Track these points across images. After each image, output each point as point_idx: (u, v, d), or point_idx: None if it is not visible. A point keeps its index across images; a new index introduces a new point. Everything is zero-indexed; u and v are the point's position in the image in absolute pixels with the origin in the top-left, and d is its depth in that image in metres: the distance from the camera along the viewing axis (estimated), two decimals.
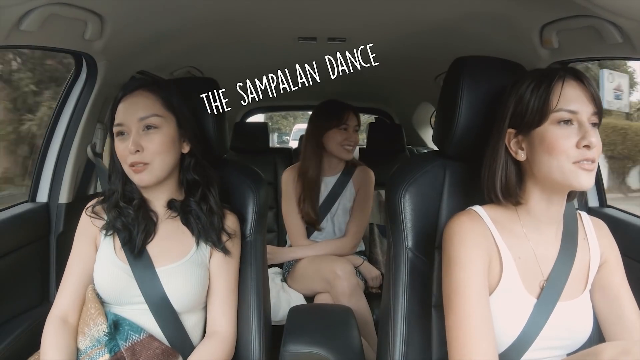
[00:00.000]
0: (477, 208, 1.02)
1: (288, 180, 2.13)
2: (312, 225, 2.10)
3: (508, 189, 0.98)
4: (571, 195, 1.01)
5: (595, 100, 0.92)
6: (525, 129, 0.95)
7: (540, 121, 0.92)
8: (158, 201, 1.20)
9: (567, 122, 0.91)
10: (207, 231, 1.18)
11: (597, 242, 1.04)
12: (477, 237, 0.97)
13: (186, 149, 1.20)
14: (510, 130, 0.98)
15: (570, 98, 0.91)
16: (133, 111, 1.12)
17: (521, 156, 0.97)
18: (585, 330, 1.00)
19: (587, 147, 0.89)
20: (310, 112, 2.32)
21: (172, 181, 1.20)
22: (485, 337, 0.90)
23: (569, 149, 0.89)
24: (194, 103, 1.28)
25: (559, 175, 0.91)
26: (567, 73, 0.93)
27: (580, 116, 0.90)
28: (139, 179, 1.12)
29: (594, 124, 0.92)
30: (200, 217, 1.18)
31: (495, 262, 0.97)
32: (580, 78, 0.92)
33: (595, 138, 0.89)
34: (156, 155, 1.11)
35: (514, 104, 0.96)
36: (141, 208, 1.16)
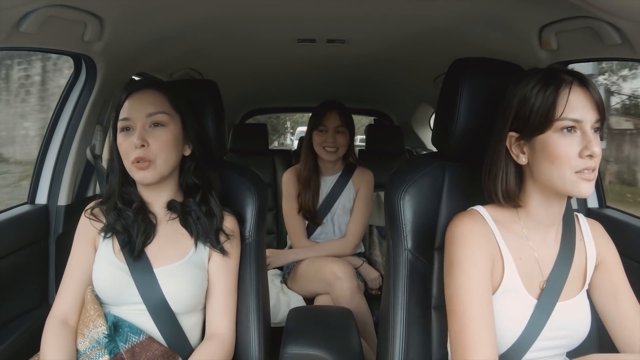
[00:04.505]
0: (479, 208, 1.02)
1: (288, 181, 2.14)
2: (312, 221, 2.10)
3: (509, 192, 0.98)
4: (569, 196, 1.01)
5: (599, 107, 0.90)
6: (527, 134, 0.94)
7: (543, 128, 0.91)
8: (157, 203, 1.19)
9: (570, 129, 0.90)
10: (206, 232, 1.18)
11: (593, 243, 1.04)
12: (480, 238, 0.96)
13: (188, 151, 1.20)
14: (511, 133, 0.97)
15: (575, 106, 0.89)
16: (141, 106, 1.12)
17: (522, 160, 0.96)
18: (583, 329, 1.00)
19: (590, 156, 0.88)
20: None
21: (172, 183, 1.20)
22: (486, 342, 0.90)
23: (571, 158, 0.89)
24: (193, 105, 1.28)
25: (559, 183, 0.91)
26: (574, 79, 0.91)
27: (584, 125, 0.89)
28: (141, 176, 1.12)
29: (595, 130, 0.91)
30: (200, 218, 1.18)
31: (498, 263, 0.97)
32: (585, 84, 0.91)
33: (597, 147, 0.88)
34: (160, 152, 1.11)
35: (517, 105, 0.94)
36: (140, 210, 1.16)
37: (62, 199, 1.56)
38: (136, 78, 1.86)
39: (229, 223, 1.23)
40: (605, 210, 1.58)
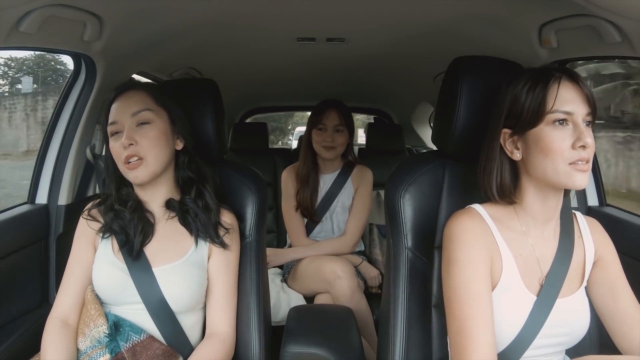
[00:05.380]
0: (477, 206, 1.02)
1: (287, 179, 2.14)
2: (310, 219, 2.10)
3: (503, 188, 0.99)
4: (567, 191, 1.02)
5: (590, 101, 0.92)
6: (520, 129, 0.95)
7: (535, 122, 0.93)
8: (154, 202, 1.19)
9: (562, 122, 0.91)
10: (205, 227, 1.18)
11: (591, 240, 1.05)
12: (477, 236, 0.97)
13: (180, 145, 1.20)
14: (505, 130, 0.98)
15: (565, 99, 0.91)
16: (125, 108, 1.13)
17: (517, 156, 0.97)
18: (583, 326, 1.00)
19: (583, 147, 0.89)
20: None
21: (168, 180, 1.20)
22: (485, 341, 0.90)
23: (564, 150, 0.90)
24: (193, 104, 1.28)
25: (553, 176, 0.92)
26: (563, 74, 0.93)
27: (576, 117, 0.91)
28: (134, 175, 1.12)
29: (587, 123, 0.93)
30: (198, 215, 1.19)
31: (496, 260, 0.98)
32: (575, 79, 0.93)
33: (590, 138, 0.90)
34: (150, 149, 1.11)
35: (509, 103, 0.97)
36: (137, 210, 1.16)
37: (62, 199, 1.56)
38: (136, 77, 1.86)
39: (227, 217, 1.23)
40: (606, 209, 1.58)
